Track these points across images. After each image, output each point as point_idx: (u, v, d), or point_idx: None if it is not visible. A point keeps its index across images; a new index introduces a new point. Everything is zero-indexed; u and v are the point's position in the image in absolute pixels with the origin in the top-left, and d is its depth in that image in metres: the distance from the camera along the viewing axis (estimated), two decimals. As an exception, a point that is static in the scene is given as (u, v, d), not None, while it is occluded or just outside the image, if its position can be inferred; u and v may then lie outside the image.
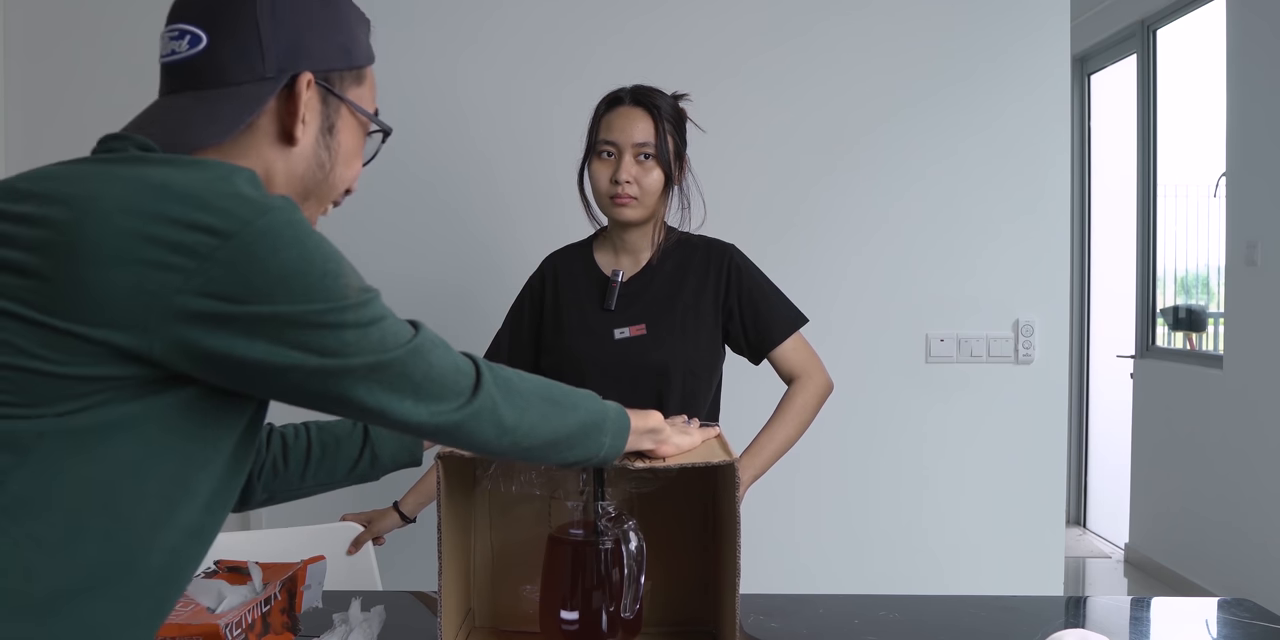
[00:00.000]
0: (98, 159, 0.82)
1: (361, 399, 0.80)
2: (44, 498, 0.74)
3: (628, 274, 1.74)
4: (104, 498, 0.76)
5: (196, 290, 0.73)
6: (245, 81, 0.86)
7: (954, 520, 2.51)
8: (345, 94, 0.92)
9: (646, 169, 1.66)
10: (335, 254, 0.79)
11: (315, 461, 1.15)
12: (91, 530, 0.76)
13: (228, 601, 1.19)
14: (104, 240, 0.72)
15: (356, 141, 0.96)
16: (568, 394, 1.00)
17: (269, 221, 0.75)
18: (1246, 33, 3.61)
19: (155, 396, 0.76)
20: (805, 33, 2.49)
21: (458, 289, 2.47)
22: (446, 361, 0.86)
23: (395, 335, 0.82)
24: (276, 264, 0.74)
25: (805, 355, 1.74)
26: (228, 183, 0.77)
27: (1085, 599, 2.43)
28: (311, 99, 0.89)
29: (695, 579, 1.29)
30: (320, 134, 0.91)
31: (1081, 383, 4.94)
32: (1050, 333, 2.51)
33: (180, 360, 0.75)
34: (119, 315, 0.72)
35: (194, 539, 0.83)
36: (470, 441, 0.90)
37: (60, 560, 0.75)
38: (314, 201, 0.94)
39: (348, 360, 0.78)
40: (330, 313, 0.77)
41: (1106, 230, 4.85)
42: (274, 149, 0.89)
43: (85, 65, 2.47)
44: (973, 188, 2.49)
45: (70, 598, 0.76)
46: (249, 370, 0.76)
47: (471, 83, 2.49)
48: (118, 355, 0.73)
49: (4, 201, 0.77)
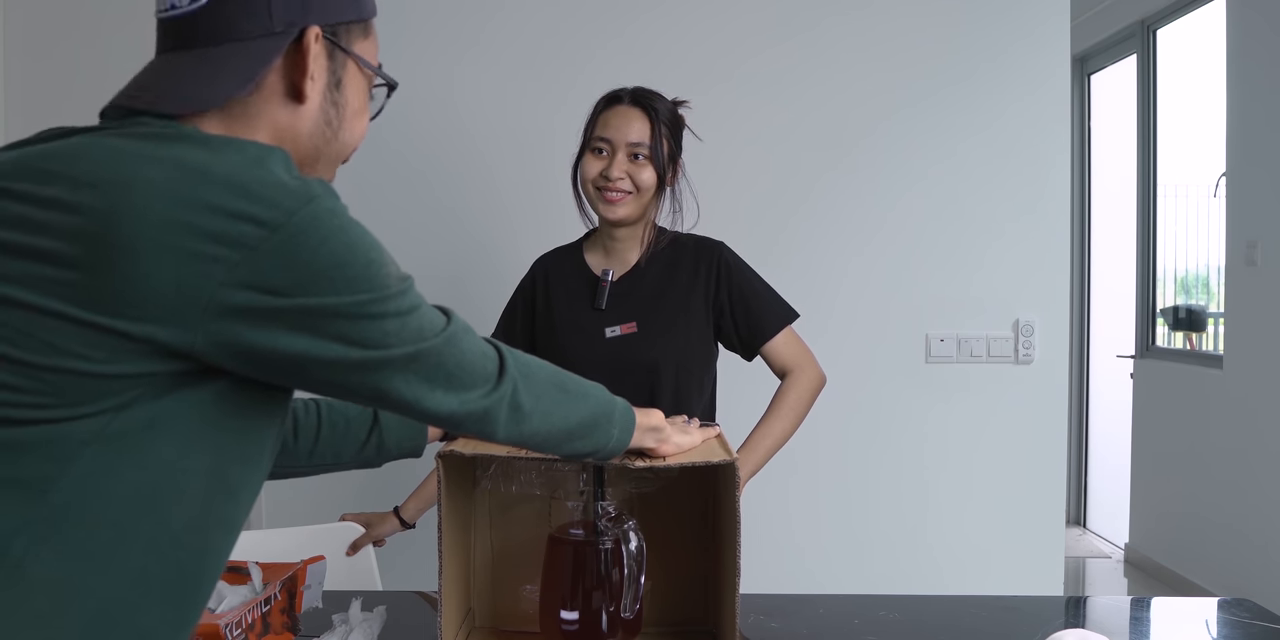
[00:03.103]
0: (121, 134, 0.77)
1: (399, 391, 0.79)
2: (90, 507, 0.71)
3: (618, 273, 1.74)
4: (147, 502, 0.74)
5: (240, 283, 0.70)
6: (252, 37, 0.81)
7: (954, 520, 2.51)
8: (351, 48, 0.88)
9: (639, 167, 1.66)
10: (375, 242, 0.77)
11: (324, 440, 1.14)
12: (137, 536, 0.74)
13: (228, 601, 1.19)
14: (143, 230, 0.69)
15: (362, 97, 0.91)
16: (579, 383, 0.99)
17: (313, 210, 0.72)
18: (1246, 33, 3.61)
19: (189, 391, 0.74)
20: (805, 33, 2.49)
21: (456, 290, 2.46)
22: (476, 348, 0.85)
23: (432, 323, 0.81)
24: (325, 254, 0.72)
25: (797, 350, 1.74)
26: (265, 168, 0.74)
27: (1085, 599, 2.43)
28: (319, 54, 0.85)
29: (695, 579, 1.29)
30: (327, 90, 0.87)
31: (1081, 383, 4.94)
32: (1050, 333, 2.51)
33: (219, 355, 0.73)
34: (161, 310, 0.69)
35: (225, 533, 0.82)
36: (491, 429, 0.88)
37: (109, 571, 0.73)
38: (325, 162, 0.90)
39: (389, 351, 0.77)
40: (374, 303, 0.75)
41: (1106, 230, 4.85)
42: (283, 108, 0.85)
43: (85, 64, 2.47)
44: (973, 188, 2.49)
45: (118, 608, 0.73)
46: (289, 364, 0.74)
47: (470, 85, 2.49)
48: (159, 352, 0.71)
49: (29, 183, 0.72)
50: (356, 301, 0.74)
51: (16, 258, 0.70)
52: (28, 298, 0.70)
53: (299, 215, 0.72)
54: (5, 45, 2.47)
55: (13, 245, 0.71)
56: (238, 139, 0.79)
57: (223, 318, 0.71)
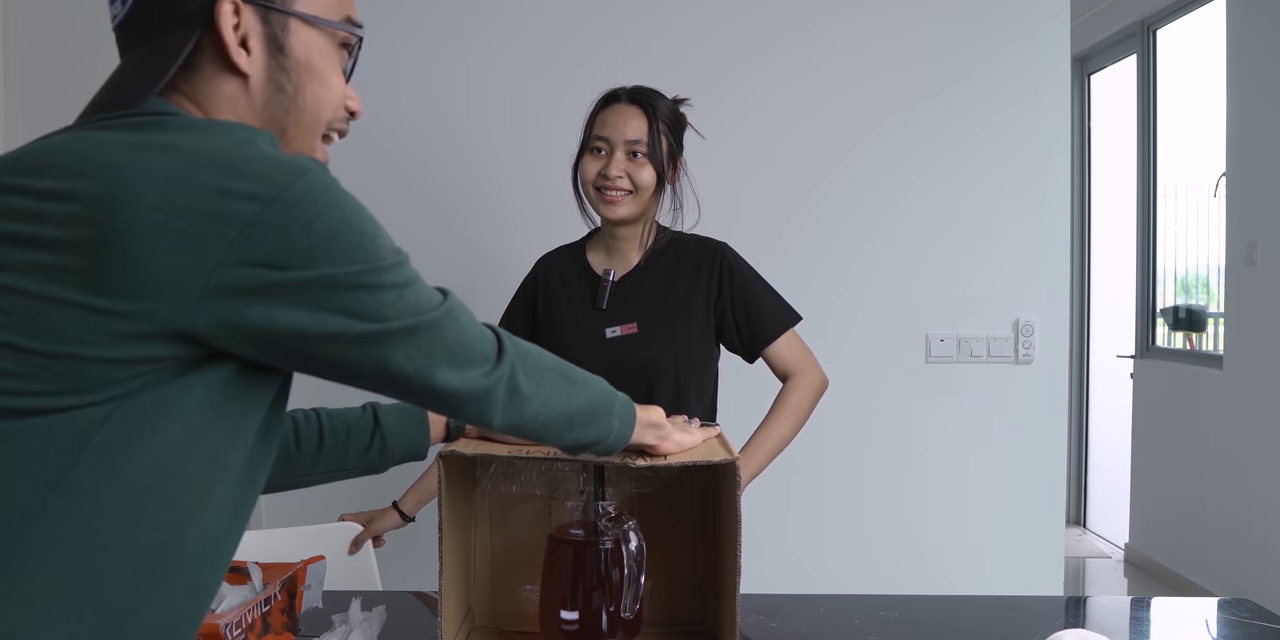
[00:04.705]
0: (108, 126, 0.78)
1: (401, 364, 0.79)
2: (99, 494, 0.72)
3: (619, 273, 1.74)
4: (153, 486, 0.74)
5: (237, 259, 0.70)
6: (170, 29, 0.82)
7: (954, 520, 2.51)
8: (292, 6, 0.85)
9: (638, 166, 1.66)
10: (369, 215, 0.78)
11: (327, 447, 1.14)
12: (145, 521, 0.74)
13: (228, 601, 1.19)
14: (138, 212, 0.69)
15: (322, 55, 0.88)
16: (579, 372, 0.99)
17: (305, 184, 0.73)
18: (1246, 33, 3.61)
19: (193, 376, 0.74)
20: (805, 33, 2.49)
21: (454, 290, 2.47)
22: (474, 326, 0.85)
23: (429, 298, 0.81)
24: (319, 226, 0.73)
25: (799, 352, 1.74)
26: (255, 147, 0.75)
27: (1085, 599, 2.43)
28: (248, 21, 0.83)
29: (695, 579, 1.29)
30: (269, 57, 0.85)
31: (1081, 383, 4.94)
32: (1050, 333, 2.51)
33: (221, 335, 0.73)
34: (159, 290, 0.70)
35: (228, 520, 0.82)
36: (491, 411, 0.87)
37: (111, 554, 0.73)
38: (298, 132, 0.88)
39: (388, 324, 0.77)
40: (370, 273, 0.75)
41: (1106, 230, 4.85)
42: (229, 84, 0.84)
43: (85, 64, 2.47)
44: (973, 188, 2.49)
45: (128, 595, 0.74)
46: (290, 341, 0.74)
47: (468, 85, 2.49)
48: (160, 334, 0.71)
49: (22, 177, 0.73)
50: (352, 271, 0.74)
51: (16, 247, 0.71)
52: (28, 285, 0.70)
53: (291, 189, 0.72)
54: (5, 45, 2.47)
55: (12, 236, 0.72)
56: (224, 122, 0.81)
57: (222, 296, 0.71)
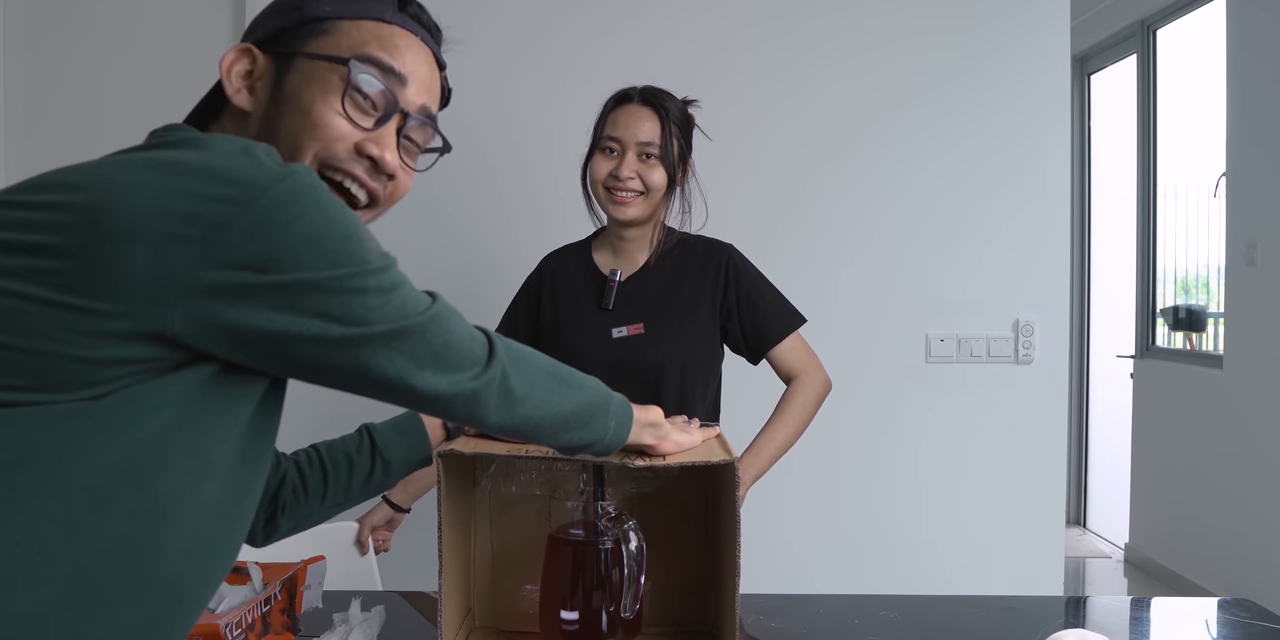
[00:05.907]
0: (126, 150, 0.82)
1: (381, 369, 0.78)
2: (64, 476, 0.72)
3: (626, 273, 1.74)
4: (127, 471, 0.74)
5: (216, 262, 0.71)
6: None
7: (954, 520, 2.51)
8: (303, 46, 0.91)
9: (649, 167, 1.66)
10: (355, 218, 0.77)
11: (331, 482, 1.13)
12: (115, 503, 0.74)
13: (227, 601, 1.19)
14: (120, 217, 0.70)
15: (313, 88, 0.90)
16: (574, 373, 0.98)
17: (288, 186, 0.73)
18: (1246, 33, 3.61)
19: (174, 377, 0.74)
20: (804, 33, 2.49)
21: (455, 290, 2.43)
22: (463, 329, 0.85)
23: (415, 301, 0.80)
24: (299, 229, 0.73)
25: (804, 355, 1.74)
26: (251, 156, 0.77)
27: (1085, 599, 2.43)
28: (262, 66, 0.92)
29: (695, 579, 1.29)
30: (269, 94, 0.91)
31: (1081, 383, 4.94)
32: (1050, 333, 2.51)
33: (199, 336, 0.73)
34: (137, 291, 0.70)
35: (218, 521, 0.81)
36: (482, 414, 0.87)
37: (80, 535, 0.73)
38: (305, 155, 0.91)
39: (370, 328, 0.76)
40: (353, 277, 0.75)
41: (1106, 230, 4.85)
42: (232, 119, 0.92)
43: (85, 64, 2.47)
44: (972, 188, 2.49)
45: (89, 575, 0.74)
46: (269, 343, 0.74)
47: (469, 83, 2.49)
48: (137, 335, 0.71)
49: (27, 193, 0.76)
50: (335, 275, 0.74)
51: (7, 253, 0.73)
52: (13, 286, 0.72)
53: (273, 191, 0.72)
54: (5, 45, 2.47)
55: (6, 243, 0.73)
56: (223, 136, 0.83)
57: (200, 297, 0.72)
